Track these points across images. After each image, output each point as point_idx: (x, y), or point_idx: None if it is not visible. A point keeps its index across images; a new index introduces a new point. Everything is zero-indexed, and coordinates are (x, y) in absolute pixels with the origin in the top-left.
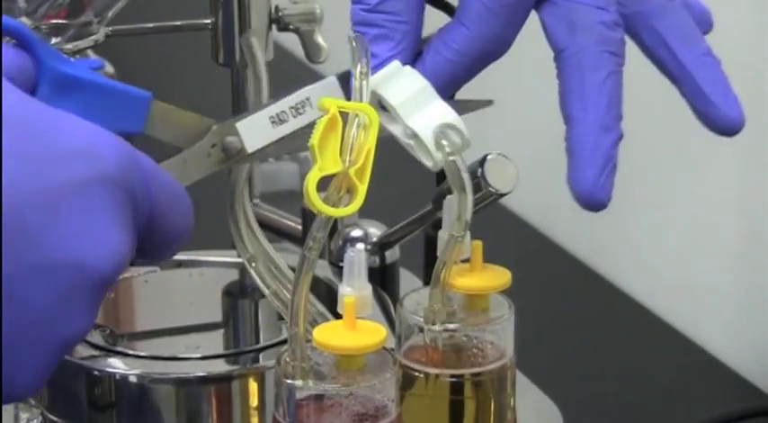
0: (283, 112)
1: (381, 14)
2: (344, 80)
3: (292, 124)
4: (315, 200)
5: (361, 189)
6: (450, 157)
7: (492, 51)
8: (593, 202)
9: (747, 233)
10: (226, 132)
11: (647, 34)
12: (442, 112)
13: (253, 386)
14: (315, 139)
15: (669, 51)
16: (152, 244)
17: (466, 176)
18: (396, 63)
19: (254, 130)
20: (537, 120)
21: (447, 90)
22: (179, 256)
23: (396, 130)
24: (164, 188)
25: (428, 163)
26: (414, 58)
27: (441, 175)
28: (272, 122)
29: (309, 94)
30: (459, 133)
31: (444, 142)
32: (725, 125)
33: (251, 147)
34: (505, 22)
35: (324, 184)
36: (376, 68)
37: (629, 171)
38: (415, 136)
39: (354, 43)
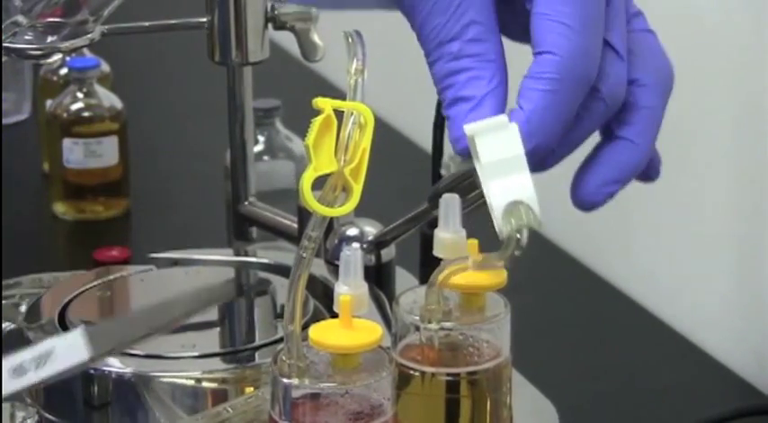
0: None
1: (468, 58)
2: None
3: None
4: (310, 200)
5: (357, 188)
6: (516, 234)
7: (586, 69)
8: (588, 204)
9: (744, 232)
10: None
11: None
12: (522, 185)
13: (249, 385)
14: (310, 139)
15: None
16: None
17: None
18: (503, 117)
19: None
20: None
21: (554, 131)
22: (175, 255)
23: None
24: None
25: (496, 228)
26: (505, 100)
27: (436, 174)
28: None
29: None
30: (531, 212)
31: (512, 220)
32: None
33: None
34: (589, 34)
35: (320, 182)
36: (475, 110)
37: None
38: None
39: (350, 40)
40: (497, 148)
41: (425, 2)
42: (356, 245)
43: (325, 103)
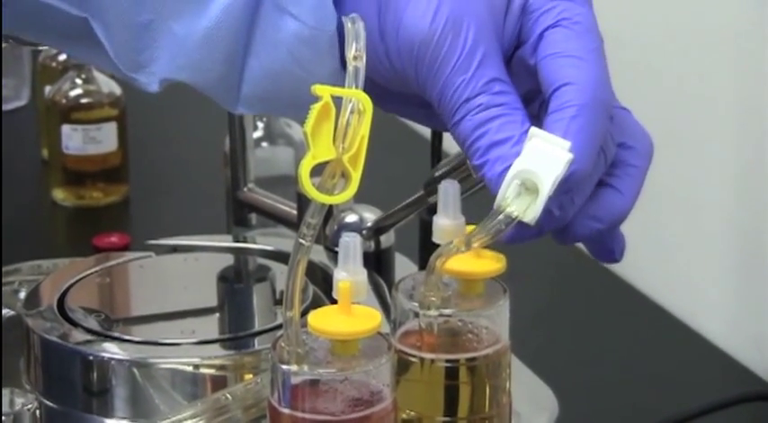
0: None
1: (497, 108)
2: None
3: None
4: (309, 187)
5: (355, 176)
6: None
7: (603, 93)
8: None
9: (743, 219)
10: None
11: None
12: (542, 181)
13: (248, 371)
14: (308, 127)
15: None
16: None
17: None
18: (566, 143)
19: None
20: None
21: (590, 155)
22: (174, 241)
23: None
24: None
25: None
26: None
27: (435, 161)
28: None
29: None
30: (534, 206)
31: (515, 202)
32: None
33: None
34: (598, 63)
35: (319, 168)
36: (518, 144)
37: None
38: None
39: (350, 25)
40: (540, 158)
41: (445, 65)
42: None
43: (323, 91)
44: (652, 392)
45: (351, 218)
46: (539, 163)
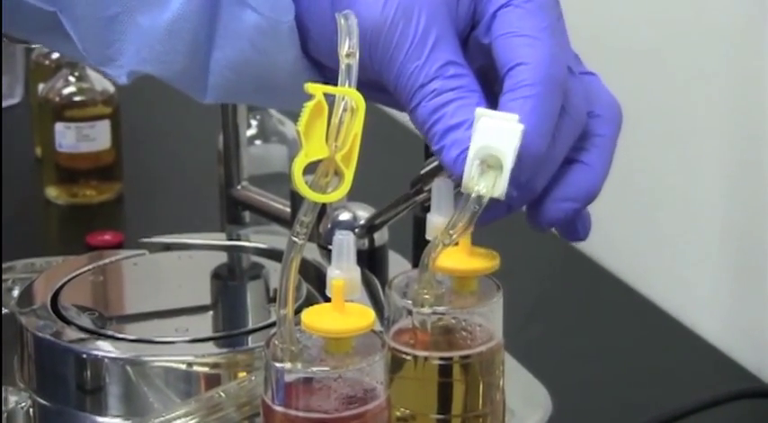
0: None
1: (451, 91)
2: None
3: None
4: (302, 186)
5: (348, 174)
6: (479, 199)
7: (557, 71)
8: None
9: (736, 215)
10: None
11: None
12: (503, 154)
13: (241, 369)
14: (301, 125)
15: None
16: None
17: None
18: (514, 115)
19: None
20: None
21: (543, 134)
22: (167, 239)
23: None
24: None
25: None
26: None
27: (427, 157)
28: None
29: None
30: (500, 181)
31: (482, 181)
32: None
33: None
34: (552, 41)
35: (313, 166)
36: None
37: (618, 154)
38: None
39: (342, 21)
40: (494, 134)
41: (398, 52)
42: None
43: (315, 89)
44: (645, 389)
45: (344, 216)
46: (494, 138)
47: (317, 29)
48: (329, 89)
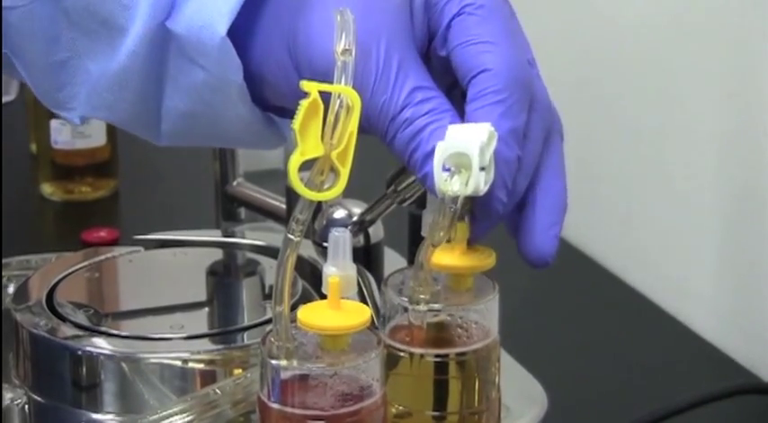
0: None
1: (423, 117)
2: None
3: None
4: (297, 184)
5: (344, 172)
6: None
7: (521, 73)
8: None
9: (732, 211)
10: None
11: None
12: (473, 145)
13: (237, 366)
14: (296, 123)
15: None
16: None
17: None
18: (488, 124)
19: None
20: None
21: (515, 138)
22: (163, 236)
23: None
24: None
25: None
26: None
27: None
28: None
29: None
30: (473, 180)
31: (455, 180)
32: (534, 260)
33: None
34: (512, 44)
35: (309, 163)
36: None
37: (614, 150)
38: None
39: (339, 18)
40: (460, 136)
41: (364, 91)
42: (343, 227)
43: (311, 87)
44: (641, 386)
45: (339, 213)
46: (459, 138)
47: (274, 76)
48: (325, 87)
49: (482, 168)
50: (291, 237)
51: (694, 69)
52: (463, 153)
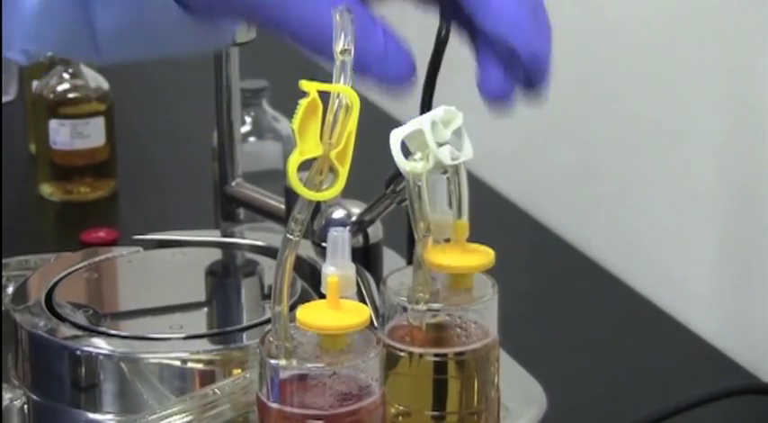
0: None
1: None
2: None
3: None
4: (296, 184)
5: (343, 172)
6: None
7: None
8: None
9: (732, 211)
10: None
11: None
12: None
13: (236, 366)
14: (295, 123)
15: None
16: None
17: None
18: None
19: None
20: (524, 105)
21: None
22: (162, 236)
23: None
24: None
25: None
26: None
27: None
28: None
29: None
30: (433, 156)
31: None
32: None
33: None
34: None
35: (307, 162)
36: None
37: (614, 150)
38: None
39: (338, 17)
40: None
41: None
42: (342, 227)
43: (310, 86)
44: (640, 386)
45: (338, 213)
46: (415, 120)
47: None
48: (323, 86)
49: (442, 144)
50: (290, 236)
51: (694, 69)
52: (418, 130)
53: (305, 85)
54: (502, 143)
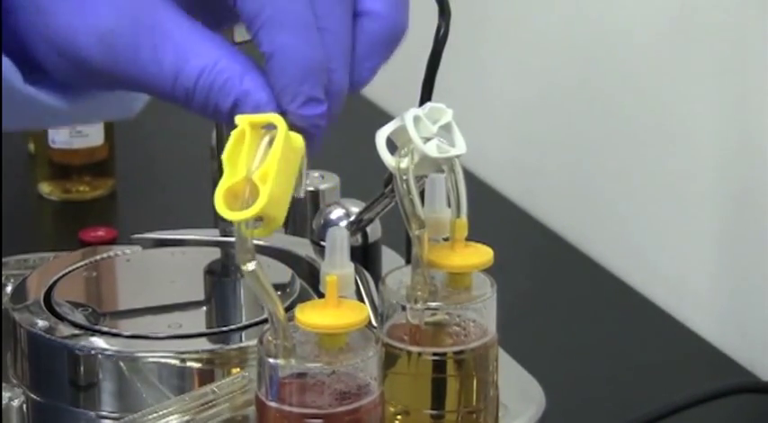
0: None
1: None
2: None
3: None
4: (223, 210)
5: (264, 189)
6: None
7: None
8: None
9: (731, 211)
10: None
11: None
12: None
13: (235, 365)
14: (225, 154)
15: None
16: None
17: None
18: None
19: None
20: (523, 104)
21: None
22: (161, 235)
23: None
24: None
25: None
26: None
27: None
28: None
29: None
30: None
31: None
32: None
33: None
34: None
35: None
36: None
37: (614, 150)
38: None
39: None
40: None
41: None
42: (342, 225)
43: (242, 120)
44: (639, 385)
45: (337, 212)
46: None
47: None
48: (254, 118)
49: (428, 139)
50: (248, 267)
51: (694, 70)
52: (402, 126)
53: (239, 119)
54: (501, 142)
